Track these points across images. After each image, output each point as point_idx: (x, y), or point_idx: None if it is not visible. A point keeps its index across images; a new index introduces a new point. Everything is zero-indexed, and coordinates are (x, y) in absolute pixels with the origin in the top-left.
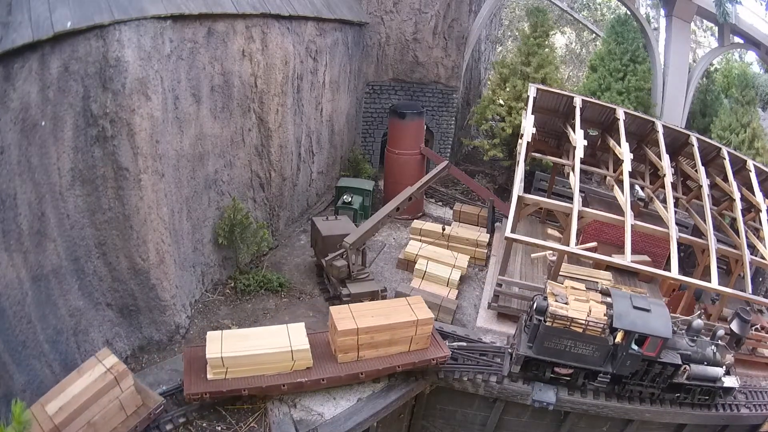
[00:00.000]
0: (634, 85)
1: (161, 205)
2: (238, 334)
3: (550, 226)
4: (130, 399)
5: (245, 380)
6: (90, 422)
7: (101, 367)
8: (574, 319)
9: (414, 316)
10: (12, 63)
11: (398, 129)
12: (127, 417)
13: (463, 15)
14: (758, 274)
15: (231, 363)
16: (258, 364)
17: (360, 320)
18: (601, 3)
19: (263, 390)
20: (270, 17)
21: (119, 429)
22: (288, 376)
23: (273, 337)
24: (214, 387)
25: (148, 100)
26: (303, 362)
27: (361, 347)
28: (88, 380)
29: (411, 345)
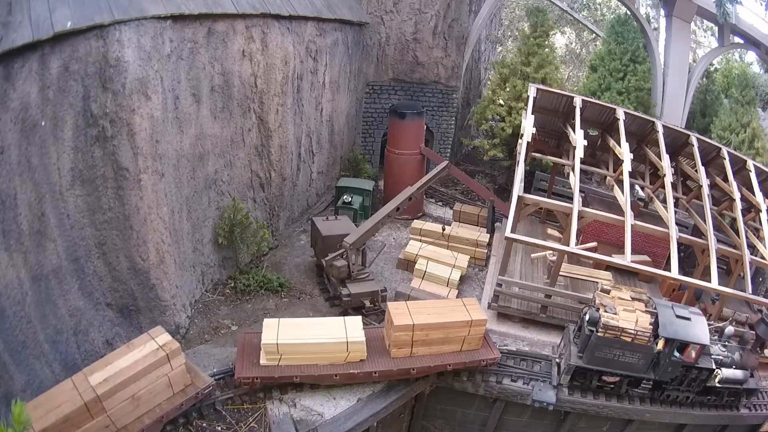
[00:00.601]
0: (634, 85)
1: (161, 205)
2: (295, 323)
3: (550, 226)
4: (180, 377)
5: (298, 368)
6: (134, 396)
7: (153, 344)
8: (624, 329)
9: (469, 316)
10: (12, 63)
11: (398, 129)
12: (174, 394)
13: (463, 15)
14: (758, 274)
15: (286, 350)
16: (312, 352)
17: (416, 317)
18: (601, 3)
19: (315, 378)
20: (270, 17)
21: (163, 405)
22: (340, 367)
23: (329, 328)
24: (266, 372)
25: (148, 100)
26: (357, 354)
27: (415, 343)
28: (138, 355)
29: (463, 345)
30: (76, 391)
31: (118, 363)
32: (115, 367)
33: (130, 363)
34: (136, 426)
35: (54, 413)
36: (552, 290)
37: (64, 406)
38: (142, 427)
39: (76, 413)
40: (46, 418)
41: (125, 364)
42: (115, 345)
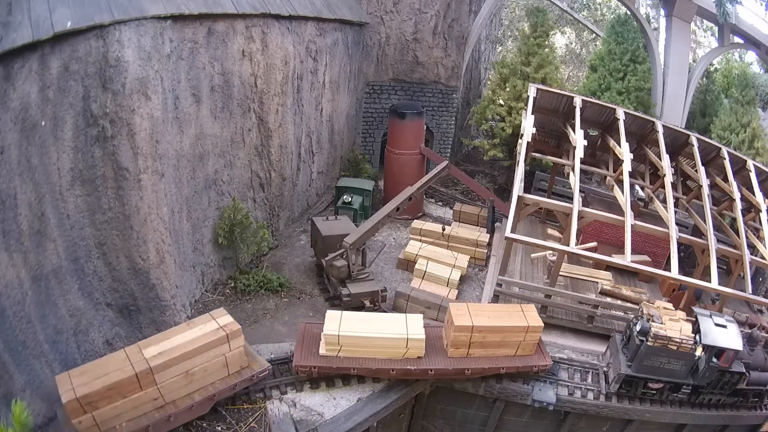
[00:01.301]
0: (634, 85)
1: (161, 205)
2: (357, 316)
3: (550, 226)
4: (236, 359)
5: (356, 360)
6: (188, 372)
7: (214, 324)
8: (671, 338)
9: (526, 322)
10: (12, 63)
11: (398, 129)
12: (229, 375)
13: (463, 15)
14: (758, 274)
15: (346, 342)
16: (372, 346)
17: (476, 319)
18: (601, 3)
19: (372, 372)
20: (270, 17)
21: (217, 384)
22: (398, 362)
23: (391, 324)
24: (324, 362)
25: (148, 100)
26: (415, 351)
27: (472, 345)
28: (197, 333)
29: (518, 350)
30: (128, 361)
31: (175, 339)
32: (171, 343)
33: (187, 340)
34: (185, 401)
35: (101, 380)
36: (552, 290)
37: (113, 375)
38: (191, 403)
39: (124, 383)
40: (91, 384)
41: (183, 341)
42: (115, 345)
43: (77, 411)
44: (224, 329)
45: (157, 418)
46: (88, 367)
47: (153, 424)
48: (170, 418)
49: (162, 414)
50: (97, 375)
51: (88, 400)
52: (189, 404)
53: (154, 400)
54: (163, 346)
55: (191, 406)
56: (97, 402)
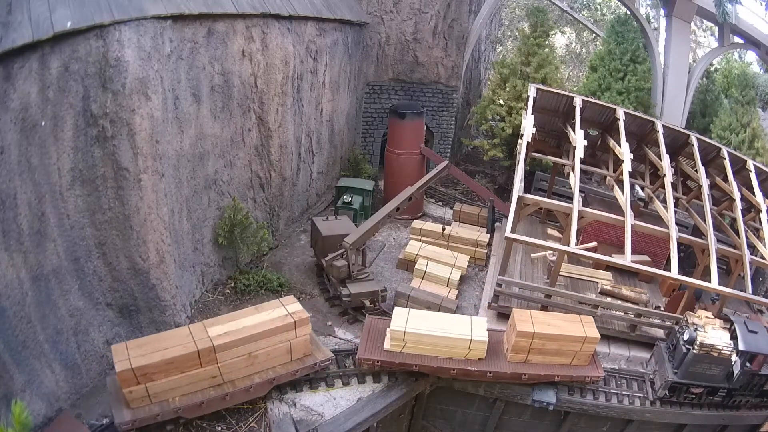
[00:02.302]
0: (634, 85)
1: (161, 205)
2: (423, 315)
3: (550, 226)
4: (301, 346)
5: (418, 357)
6: (251, 354)
7: (282, 310)
8: (713, 345)
9: (584, 333)
10: (12, 63)
11: (398, 129)
12: (291, 361)
13: (463, 15)
14: (758, 274)
15: (411, 338)
16: (435, 345)
17: (537, 325)
18: (601, 3)
19: (433, 370)
20: (270, 17)
21: (278, 369)
22: (459, 362)
23: (455, 325)
24: (388, 357)
25: (148, 100)
26: (476, 353)
27: (531, 351)
28: (265, 317)
29: (573, 359)
30: (191, 338)
31: (242, 321)
32: (238, 324)
33: (255, 323)
34: (243, 382)
35: (160, 353)
36: (552, 290)
37: (174, 350)
38: (250, 384)
39: (184, 358)
40: (149, 357)
41: (249, 323)
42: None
43: (130, 381)
44: (292, 316)
45: (213, 396)
46: (147, 339)
47: (208, 401)
48: (226, 397)
49: (218, 392)
50: (155, 348)
51: (143, 372)
52: (247, 385)
53: (212, 378)
54: (229, 326)
55: (249, 387)
56: (152, 374)
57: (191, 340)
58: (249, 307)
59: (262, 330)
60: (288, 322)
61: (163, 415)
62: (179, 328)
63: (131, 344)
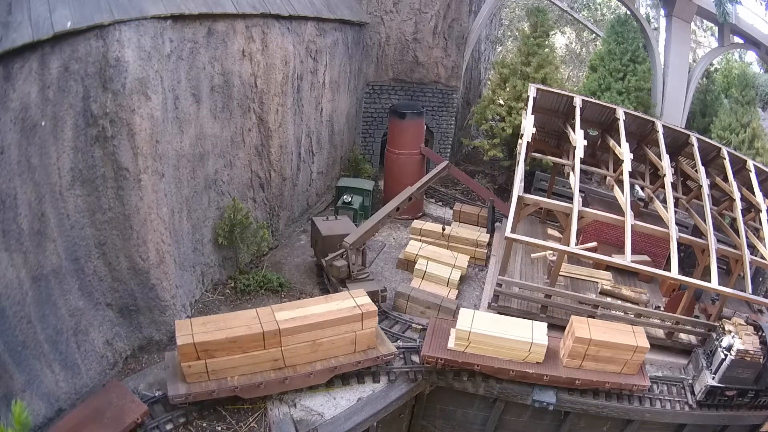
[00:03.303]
0: (634, 85)
1: (161, 205)
2: (487, 317)
3: (550, 226)
4: (366, 338)
5: (480, 357)
6: (315, 341)
7: (351, 302)
8: (748, 350)
9: (635, 342)
10: (12, 63)
11: (398, 129)
12: (354, 352)
13: (463, 15)
14: (758, 274)
15: (475, 339)
16: (497, 346)
17: (594, 332)
18: (601, 3)
19: (494, 370)
20: (270, 17)
21: (340, 359)
22: (517, 365)
23: (517, 328)
24: (451, 356)
25: (148, 100)
26: (535, 356)
27: (586, 357)
28: (333, 307)
29: (623, 368)
30: (257, 320)
31: (310, 308)
32: (305, 311)
33: (322, 311)
34: (304, 368)
35: (225, 332)
36: (552, 290)
37: (239, 329)
38: (311, 371)
39: (249, 339)
40: (213, 334)
41: (317, 311)
42: (115, 345)
43: (190, 355)
44: (361, 308)
45: (272, 378)
46: (212, 318)
47: (267, 383)
48: (285, 381)
49: (278, 375)
50: (220, 327)
51: (205, 348)
52: (308, 371)
53: (274, 361)
54: (297, 312)
55: (310, 374)
56: (214, 351)
57: (257, 322)
58: (319, 297)
59: (329, 318)
60: (356, 314)
61: (219, 392)
62: (246, 310)
63: (196, 321)
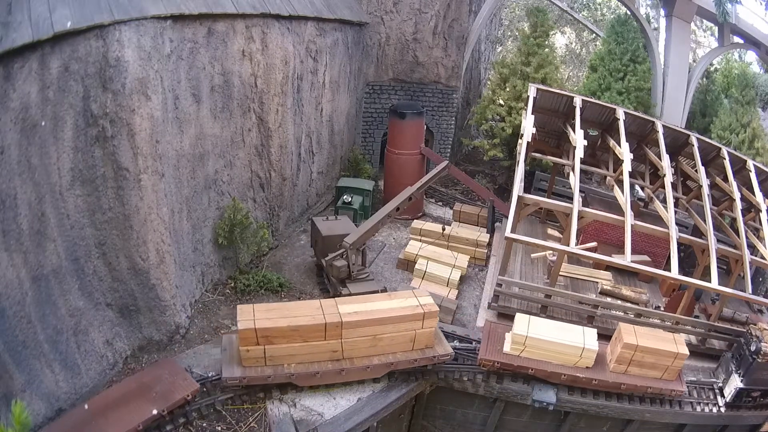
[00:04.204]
0: (634, 85)
1: (161, 205)
2: (541, 322)
3: (550, 226)
4: (425, 337)
5: (534, 362)
6: (376, 336)
7: (414, 300)
8: None
9: (677, 349)
10: (12, 63)
11: (398, 129)
12: (412, 350)
13: (463, 15)
14: (758, 274)
15: (531, 343)
16: (551, 351)
17: (641, 339)
18: (601, 3)
19: (546, 374)
20: (270, 17)
21: (398, 355)
22: (568, 369)
23: (570, 333)
24: (507, 360)
25: (148, 100)
26: (585, 361)
27: (632, 363)
28: (396, 304)
29: (664, 373)
30: (320, 311)
31: (373, 304)
32: (368, 306)
33: (385, 308)
34: (362, 361)
35: (287, 320)
36: (552, 290)
37: (302, 319)
38: (368, 365)
39: (311, 329)
40: (276, 321)
41: (379, 307)
42: (115, 345)
43: (250, 340)
44: (423, 307)
45: (329, 368)
46: (275, 305)
47: (323, 373)
48: (342, 372)
49: (335, 366)
50: (283, 315)
51: (266, 334)
52: (365, 365)
53: (332, 352)
54: (360, 307)
55: (367, 367)
56: (274, 337)
57: (321, 313)
58: (383, 293)
59: (391, 315)
60: (417, 312)
61: (275, 378)
62: (310, 300)
63: (258, 306)
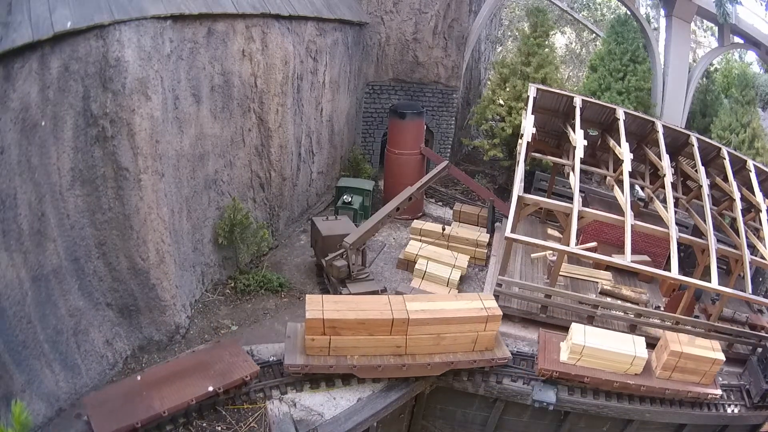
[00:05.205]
0: (634, 85)
1: (161, 205)
2: (597, 332)
3: (550, 226)
4: (486, 340)
5: (588, 370)
6: (439, 335)
7: (479, 303)
8: None
9: (715, 355)
10: (12, 63)
11: (398, 129)
12: (472, 351)
13: (463, 15)
14: (758, 274)
15: (588, 353)
16: (604, 359)
17: (684, 346)
18: (601, 3)
19: (600, 382)
20: (270, 17)
21: (459, 355)
22: (619, 376)
23: (620, 342)
24: (564, 369)
25: (148, 100)
26: (635, 369)
27: (676, 369)
28: (462, 305)
29: (702, 378)
30: (389, 306)
31: (440, 303)
32: (435, 305)
33: (451, 308)
34: (423, 358)
35: (356, 312)
36: (552, 290)
37: (371, 313)
38: (429, 362)
39: (378, 323)
40: (344, 313)
41: (446, 307)
42: (115, 345)
43: (316, 330)
44: (487, 311)
45: (391, 363)
46: (344, 297)
47: (385, 366)
48: (403, 367)
49: (397, 361)
50: (351, 307)
51: (333, 324)
52: (426, 362)
53: (396, 347)
54: (427, 305)
55: (428, 365)
56: (340, 329)
57: (389, 308)
58: (449, 293)
59: (456, 316)
60: (482, 315)
61: (337, 368)
62: (380, 296)
63: (327, 298)
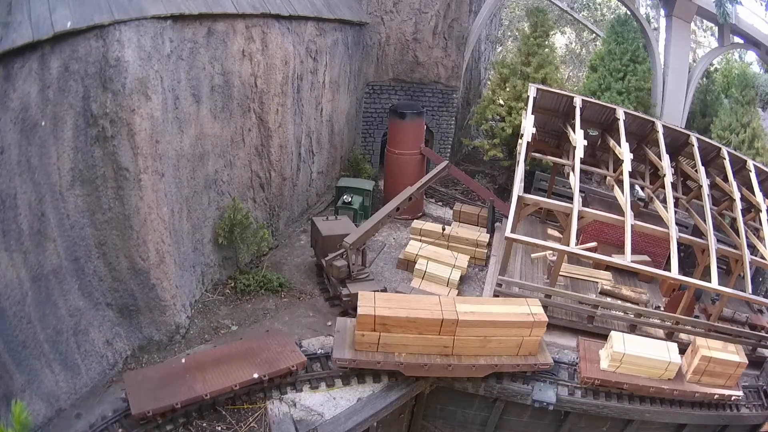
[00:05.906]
0: (634, 85)
1: (161, 205)
2: (635, 339)
3: (550, 226)
4: (530, 345)
5: (626, 377)
6: (486, 337)
7: (526, 308)
8: None
9: (739, 359)
10: (12, 63)
11: (398, 129)
12: (516, 355)
13: (463, 15)
14: (758, 274)
15: (627, 360)
16: (642, 365)
17: (713, 352)
18: (601, 3)
19: (637, 388)
20: (270, 17)
21: (503, 358)
22: (654, 382)
23: (655, 348)
24: (604, 376)
25: (148, 100)
26: (668, 374)
27: (705, 372)
28: (509, 310)
29: (727, 381)
30: (439, 307)
31: (488, 306)
32: (484, 308)
33: (499, 311)
34: (468, 359)
35: (407, 311)
36: (552, 290)
37: (420, 312)
38: (474, 363)
39: (428, 322)
40: (395, 310)
41: (494, 311)
42: (115, 345)
43: (367, 325)
44: (534, 316)
45: (437, 362)
46: (395, 296)
47: (431, 366)
48: (449, 367)
49: (444, 360)
50: (402, 306)
51: (384, 321)
52: (471, 363)
53: (443, 347)
54: (477, 308)
55: (472, 366)
56: (391, 326)
57: (439, 309)
58: (498, 298)
59: (503, 320)
60: (528, 320)
61: (384, 364)
62: (432, 296)
63: (379, 295)
